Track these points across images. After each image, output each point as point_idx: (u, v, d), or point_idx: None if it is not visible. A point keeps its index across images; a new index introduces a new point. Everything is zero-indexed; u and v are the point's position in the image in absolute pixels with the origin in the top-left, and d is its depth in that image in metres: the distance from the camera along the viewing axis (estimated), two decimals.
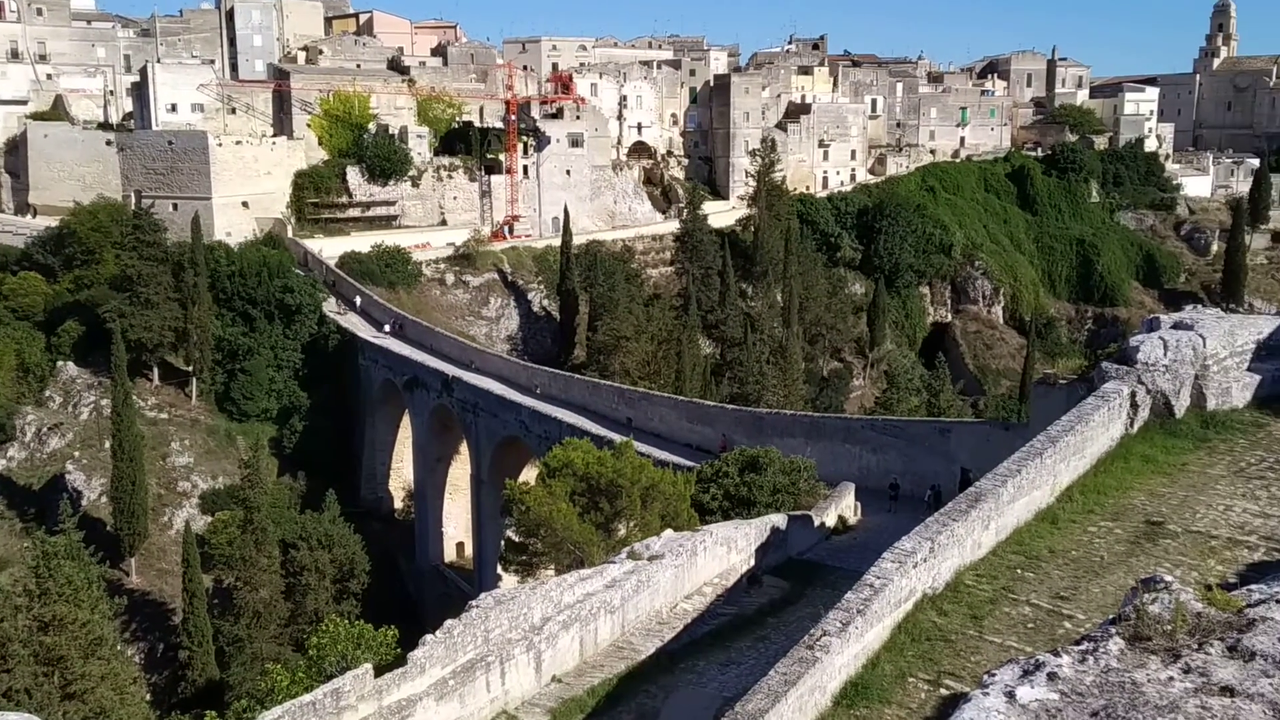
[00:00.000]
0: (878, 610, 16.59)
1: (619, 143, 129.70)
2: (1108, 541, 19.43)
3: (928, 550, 17.75)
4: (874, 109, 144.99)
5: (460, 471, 79.86)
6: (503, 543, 42.73)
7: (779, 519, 34.42)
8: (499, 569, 50.04)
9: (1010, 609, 17.57)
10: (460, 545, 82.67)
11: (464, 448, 77.65)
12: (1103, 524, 20.12)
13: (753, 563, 31.95)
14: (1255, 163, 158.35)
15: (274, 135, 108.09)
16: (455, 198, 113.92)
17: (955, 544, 18.47)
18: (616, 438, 45.19)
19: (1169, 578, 4.71)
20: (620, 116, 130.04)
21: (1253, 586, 4.71)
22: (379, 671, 21.02)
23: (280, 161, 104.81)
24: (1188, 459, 22.79)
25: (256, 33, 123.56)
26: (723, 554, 30.80)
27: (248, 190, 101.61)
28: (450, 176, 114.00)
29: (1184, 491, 21.13)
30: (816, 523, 37.27)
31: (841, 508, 39.77)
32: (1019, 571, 18.71)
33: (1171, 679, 3.97)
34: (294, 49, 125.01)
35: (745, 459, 40.58)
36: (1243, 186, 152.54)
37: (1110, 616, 4.58)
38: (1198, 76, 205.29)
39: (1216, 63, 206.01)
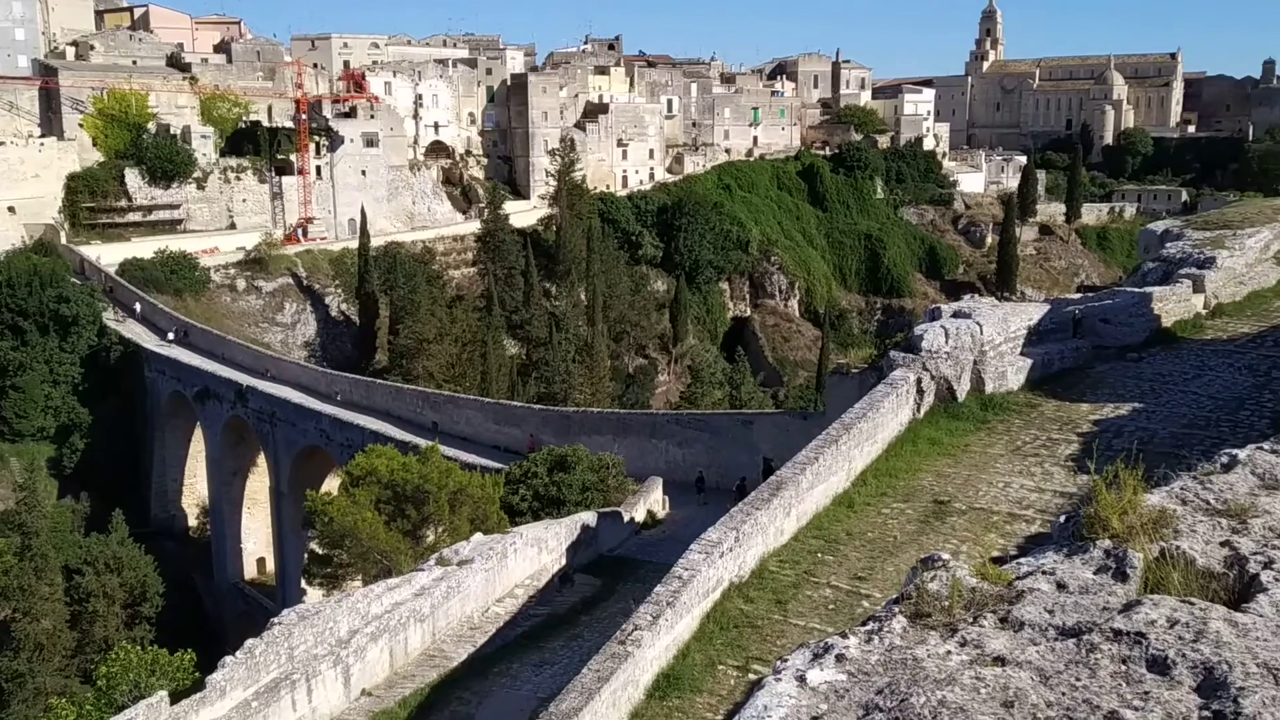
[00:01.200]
0: (687, 601, 16.88)
1: (416, 142, 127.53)
2: (900, 522, 20.38)
3: (733, 540, 18.18)
4: (670, 109, 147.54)
5: (258, 484, 76.91)
6: (306, 556, 41.36)
7: (589, 517, 34.60)
8: (303, 583, 48.48)
9: (812, 592, 18.20)
10: (261, 561, 79.66)
11: (261, 460, 74.83)
12: (895, 505, 21.09)
13: (564, 562, 32.01)
14: (1023, 160, 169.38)
15: (42, 136, 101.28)
16: (245, 200, 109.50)
17: (759, 532, 18.99)
18: (422, 442, 44.45)
19: (946, 555, 4.98)
20: (416, 116, 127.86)
21: (1021, 560, 5.03)
22: (175, 698, 20.02)
23: (50, 164, 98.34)
24: (970, 440, 24.14)
25: (18, 26, 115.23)
26: (534, 555, 30.72)
27: (13, 195, 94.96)
28: (238, 178, 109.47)
29: (967, 471, 22.38)
30: (626, 518, 37.66)
31: (650, 502, 40.31)
32: (820, 555, 19.41)
33: (949, 653, 4.21)
34: (61, 44, 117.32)
35: (554, 458, 40.60)
36: (1012, 182, 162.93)
37: (894, 596, 4.80)
38: (969, 79, 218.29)
39: (986, 66, 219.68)
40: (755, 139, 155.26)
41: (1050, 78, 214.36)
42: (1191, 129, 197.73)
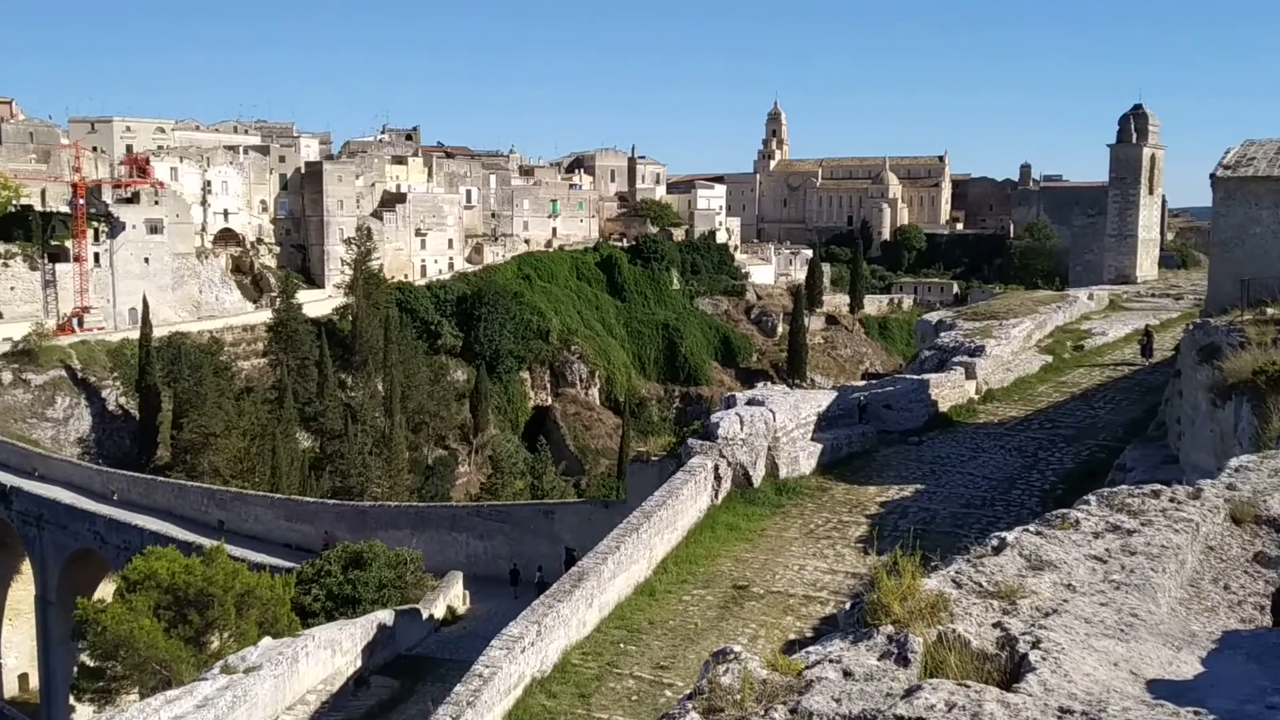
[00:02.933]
0: (488, 700, 16.44)
1: (204, 229, 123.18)
2: (701, 609, 20.57)
3: (534, 634, 17.90)
4: (469, 199, 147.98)
5: (22, 593, 71.01)
6: (76, 670, 38.23)
7: (386, 615, 33.43)
8: (72, 700, 44.77)
9: (616, 684, 18.06)
10: (24, 677, 73.17)
11: (26, 566, 69.24)
12: (696, 592, 21.30)
13: (360, 663, 30.72)
14: (809, 253, 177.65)
15: None
16: (13, 288, 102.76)
17: (561, 624, 18.77)
18: (207, 543, 42.13)
19: (738, 648, 5.04)
20: (205, 202, 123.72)
21: (810, 649, 5.15)
22: None
23: None
24: (766, 524, 24.73)
25: None
26: (327, 658, 29.37)
27: None
28: (6, 265, 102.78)
29: (764, 555, 22.87)
30: (425, 615, 36.58)
31: (450, 597, 39.32)
32: (622, 645, 19.32)
33: None
34: None
35: (349, 555, 39.19)
36: (800, 274, 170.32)
37: (687, 692, 4.81)
38: (758, 176, 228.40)
39: (773, 164, 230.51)
40: (554, 230, 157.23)
41: (832, 176, 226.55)
42: (960, 226, 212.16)
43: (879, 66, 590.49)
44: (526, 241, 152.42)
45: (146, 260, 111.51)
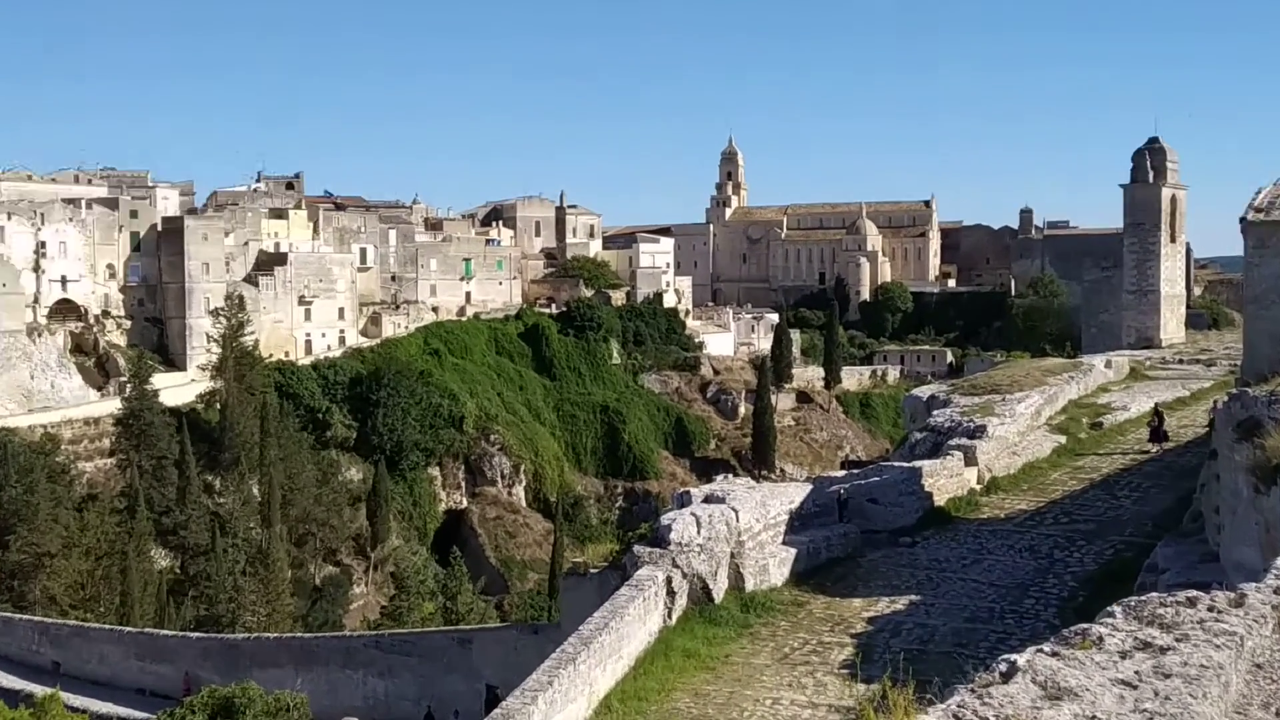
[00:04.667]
0: None
1: (37, 301, 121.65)
2: None
3: None
4: (364, 259, 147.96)
5: None
6: None
7: None
8: None
9: None
10: None
11: None
12: None
13: None
14: (774, 318, 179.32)
15: None
16: None
17: None
18: (39, 690, 41.01)
19: None
20: (38, 268, 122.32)
21: None
22: None
23: None
24: (730, 649, 24.59)
25: None
26: None
27: None
28: None
29: (729, 687, 22.69)
30: None
31: None
32: None
33: None
34: None
35: (216, 702, 38.35)
36: (765, 343, 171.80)
37: None
38: (711, 227, 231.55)
39: (729, 213, 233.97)
40: (468, 295, 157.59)
41: (799, 226, 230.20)
42: (952, 283, 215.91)
43: (851, 97, 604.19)
44: (434, 309, 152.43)
45: None
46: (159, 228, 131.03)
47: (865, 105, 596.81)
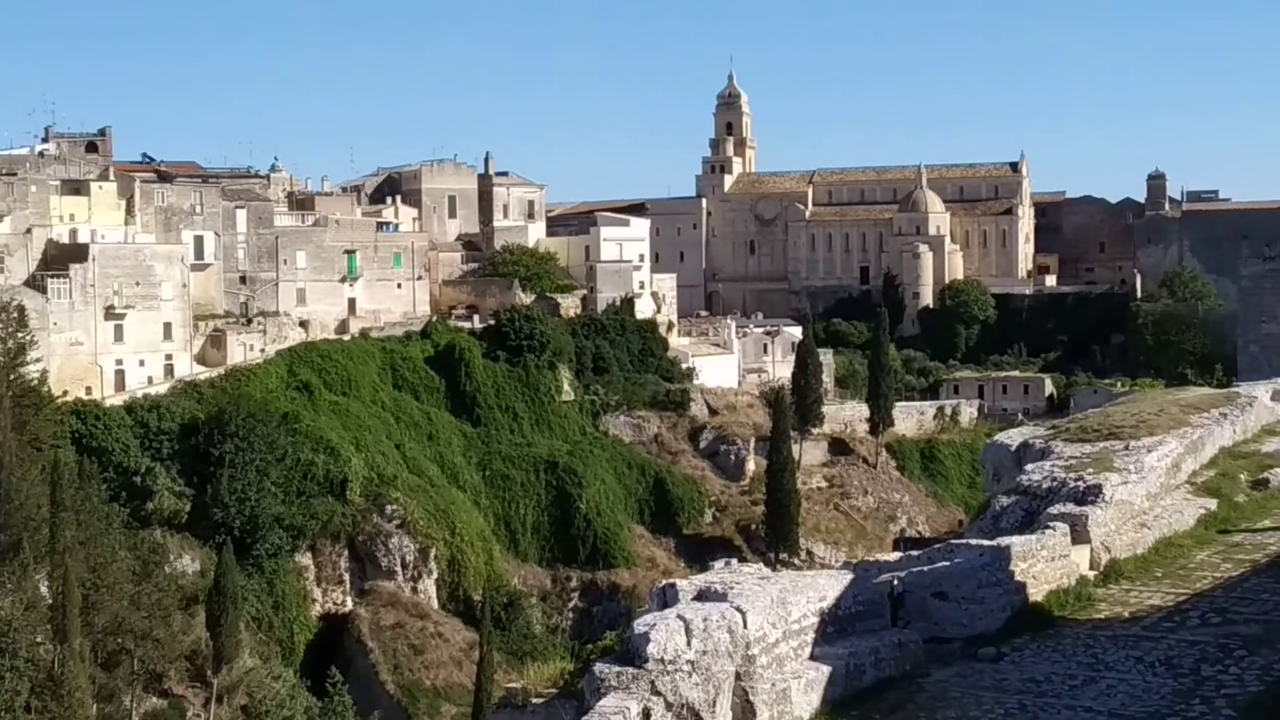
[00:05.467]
0: None
1: None
2: None
3: None
4: (200, 252, 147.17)
5: None
6: None
7: None
8: None
9: None
10: None
11: None
12: None
13: None
14: (796, 333, 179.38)
15: None
16: None
17: None
18: None
19: None
20: None
21: None
22: None
23: None
24: None
25: None
26: None
27: None
28: None
29: None
30: None
31: None
32: None
33: None
34: None
35: None
36: (783, 370, 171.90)
37: None
38: (704, 202, 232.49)
39: (730, 182, 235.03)
40: (352, 303, 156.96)
41: (831, 200, 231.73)
42: (1051, 280, 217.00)
43: (902, 16, 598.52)
44: (304, 324, 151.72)
45: None
46: None
47: (922, 28, 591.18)
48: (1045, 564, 35.81)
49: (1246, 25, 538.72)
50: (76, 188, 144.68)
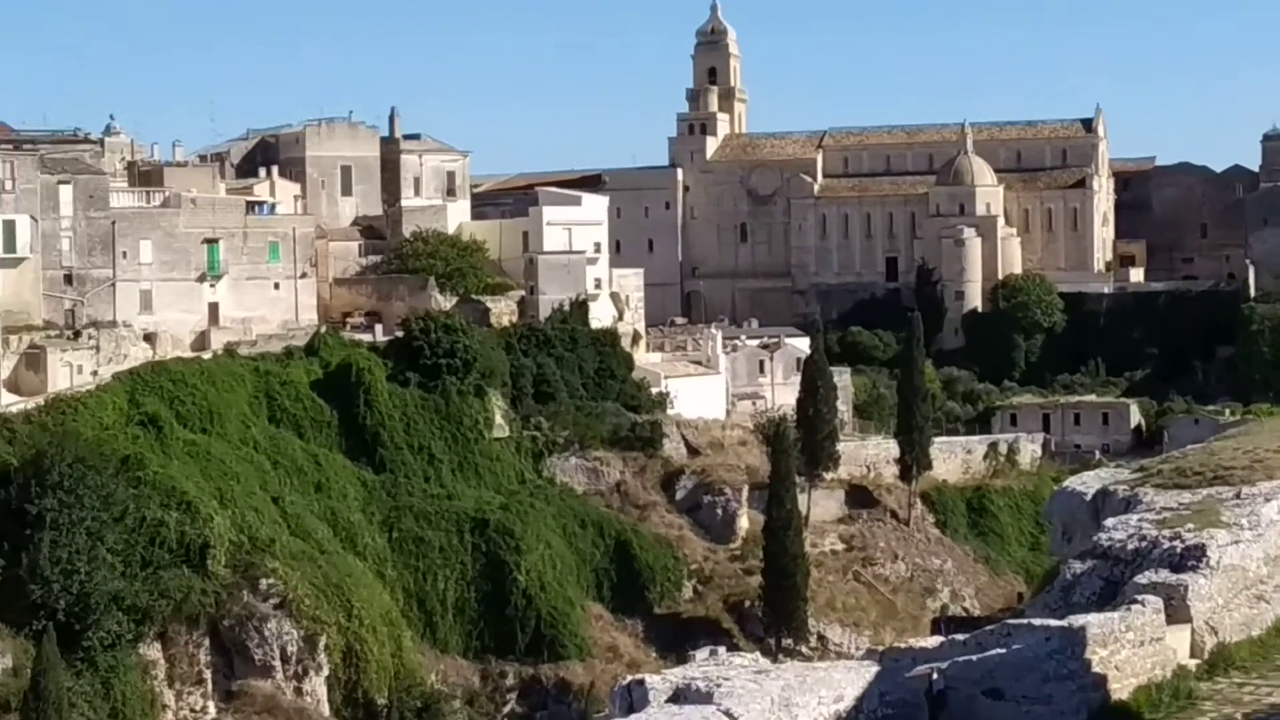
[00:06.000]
0: None
1: None
2: None
3: None
4: (13, 243, 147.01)
5: None
6: None
7: None
8: None
9: None
10: None
11: None
12: None
13: None
14: (803, 345, 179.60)
15: None
16: None
17: None
18: None
19: None
20: None
21: None
22: None
23: None
24: None
25: None
26: None
27: None
28: None
29: None
30: None
31: None
32: None
33: None
34: None
35: None
36: (785, 394, 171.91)
37: None
38: (679, 172, 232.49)
39: (714, 145, 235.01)
40: (214, 309, 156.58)
41: (847, 170, 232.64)
42: (1138, 275, 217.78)
43: None
44: (149, 338, 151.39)
45: None
46: None
47: None
48: (1132, 650, 35.96)
49: None
50: None
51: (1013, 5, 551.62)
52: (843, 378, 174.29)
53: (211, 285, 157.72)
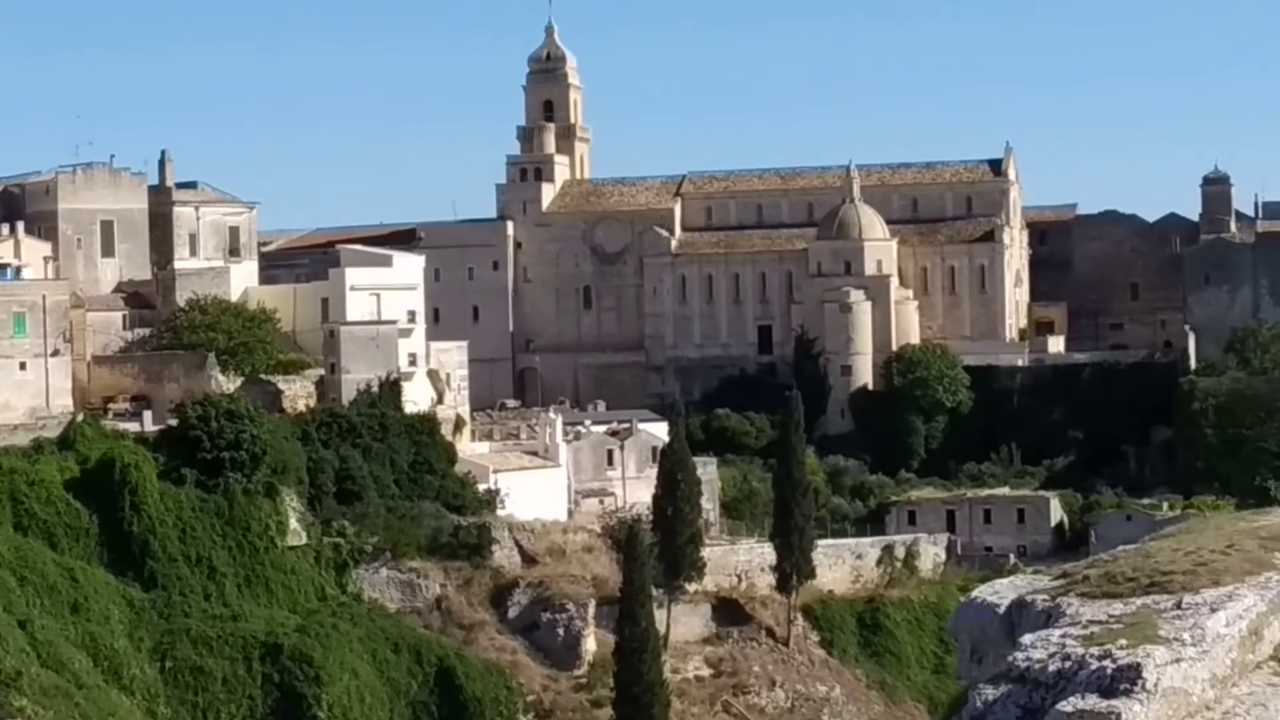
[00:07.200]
0: None
1: None
2: None
3: None
4: None
5: None
6: None
7: None
8: None
9: None
10: None
11: None
12: None
13: None
14: (660, 431, 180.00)
15: None
16: None
17: None
18: None
19: None
20: None
21: None
22: None
23: None
24: None
25: None
26: None
27: None
28: None
29: None
30: None
31: None
32: None
33: None
34: None
35: None
36: (640, 490, 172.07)
37: None
38: (510, 226, 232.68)
39: (550, 193, 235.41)
40: None
41: (711, 223, 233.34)
42: (1058, 345, 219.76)
43: None
44: None
45: None
46: None
47: None
48: None
49: None
50: None
51: (907, 26, 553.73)
52: (708, 470, 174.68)
53: None
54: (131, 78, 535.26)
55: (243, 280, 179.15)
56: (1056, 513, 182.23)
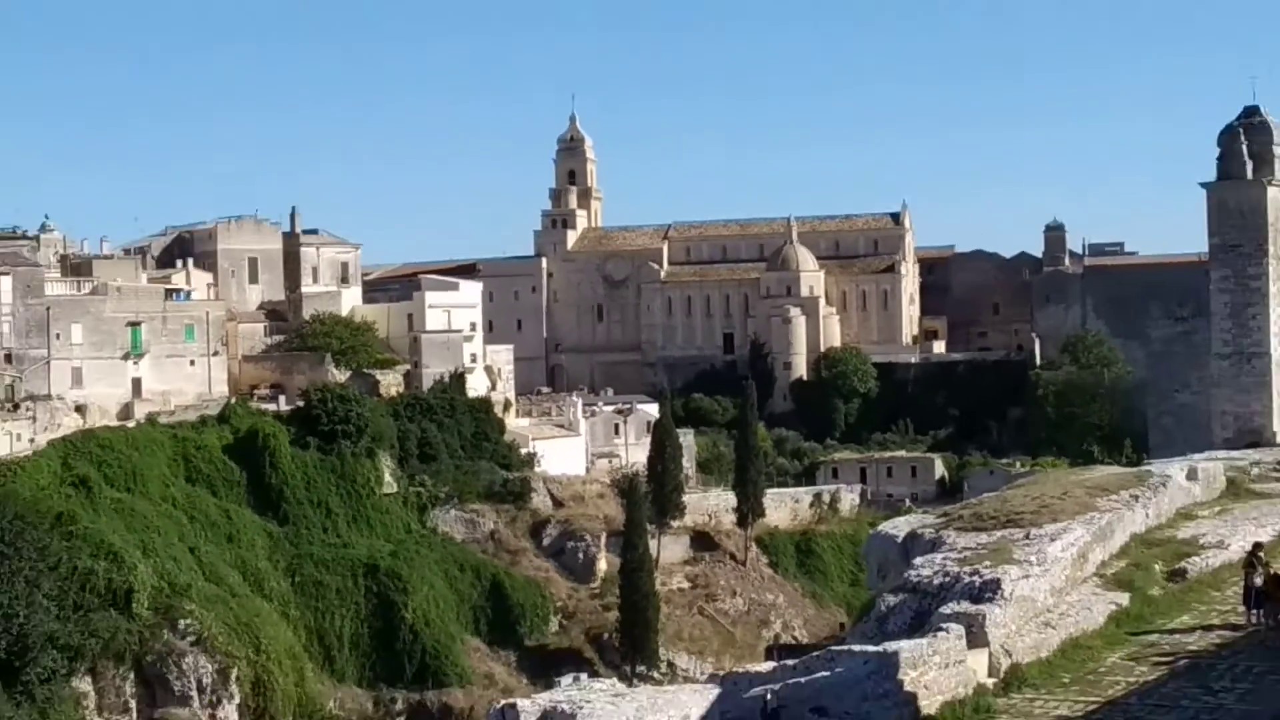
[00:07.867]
0: None
1: None
2: None
3: None
4: None
5: None
6: None
7: None
8: None
9: None
10: None
11: None
12: None
13: None
14: (653, 411, 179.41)
15: None
16: None
17: None
18: None
19: None
20: None
21: None
22: None
23: None
24: None
25: None
26: None
27: None
28: None
29: None
30: None
31: None
32: None
33: None
34: None
35: None
36: (638, 453, 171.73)
37: None
38: (544, 261, 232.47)
39: (574, 238, 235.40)
40: (138, 384, 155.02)
41: (690, 258, 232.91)
42: (940, 347, 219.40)
43: (763, 49, 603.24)
44: (80, 409, 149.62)
45: None
46: None
47: (788, 63, 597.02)
48: (938, 671, 35.96)
49: (1143, 69, 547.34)
50: None
51: (831, 116, 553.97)
52: (687, 438, 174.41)
53: (135, 363, 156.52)
54: (274, 153, 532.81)
55: (350, 301, 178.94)
56: (939, 469, 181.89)
